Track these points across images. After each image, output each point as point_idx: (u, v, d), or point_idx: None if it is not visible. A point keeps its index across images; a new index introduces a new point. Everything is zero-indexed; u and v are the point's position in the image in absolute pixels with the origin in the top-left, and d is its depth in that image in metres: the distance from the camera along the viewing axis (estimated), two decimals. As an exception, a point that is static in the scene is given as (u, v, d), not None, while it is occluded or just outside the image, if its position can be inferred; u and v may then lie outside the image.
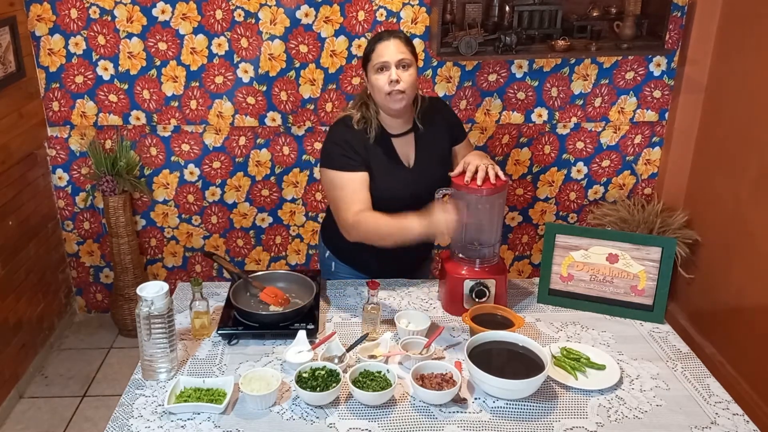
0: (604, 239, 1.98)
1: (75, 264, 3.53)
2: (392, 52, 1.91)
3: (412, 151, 2.07)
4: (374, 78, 1.94)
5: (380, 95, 1.94)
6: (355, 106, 2.05)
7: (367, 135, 2.00)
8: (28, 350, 3.10)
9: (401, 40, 1.94)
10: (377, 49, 1.93)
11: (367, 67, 1.97)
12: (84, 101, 3.20)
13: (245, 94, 3.20)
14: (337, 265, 2.25)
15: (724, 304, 2.98)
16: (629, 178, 3.45)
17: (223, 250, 3.51)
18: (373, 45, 1.94)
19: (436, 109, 2.14)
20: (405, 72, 1.92)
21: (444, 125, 2.13)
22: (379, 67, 1.92)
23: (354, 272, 2.23)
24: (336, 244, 2.22)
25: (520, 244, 3.59)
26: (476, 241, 1.97)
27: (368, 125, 2.01)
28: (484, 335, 1.73)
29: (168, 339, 1.67)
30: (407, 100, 1.96)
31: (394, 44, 1.92)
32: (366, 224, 1.91)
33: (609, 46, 3.05)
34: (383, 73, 1.92)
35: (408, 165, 2.06)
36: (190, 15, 3.07)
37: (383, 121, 2.03)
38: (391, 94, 1.92)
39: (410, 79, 1.92)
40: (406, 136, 2.06)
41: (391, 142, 2.04)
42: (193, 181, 3.37)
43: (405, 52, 1.92)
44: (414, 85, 1.95)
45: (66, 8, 3.05)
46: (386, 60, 1.91)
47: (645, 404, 1.62)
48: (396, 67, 1.91)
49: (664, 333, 1.91)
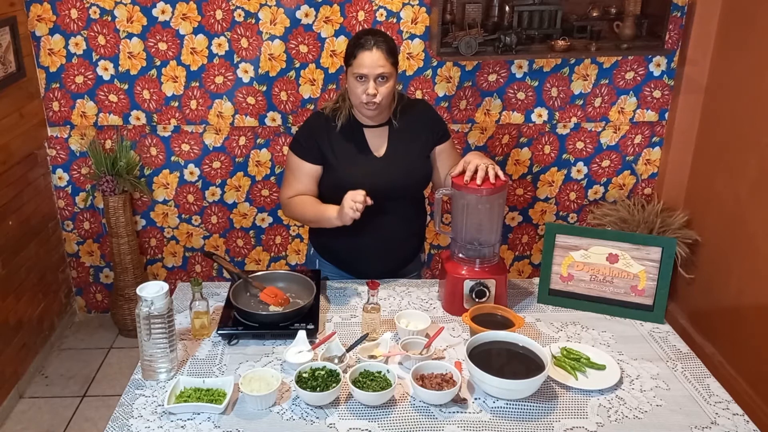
0: (604, 239, 1.98)
1: (75, 264, 3.53)
2: (372, 64, 1.93)
3: (384, 143, 2.10)
4: (352, 83, 1.98)
5: (356, 100, 2.00)
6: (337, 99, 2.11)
7: (334, 123, 2.06)
8: (28, 350, 3.10)
9: (383, 52, 1.94)
10: (359, 58, 1.94)
11: (347, 69, 2.00)
12: (84, 101, 3.21)
13: (245, 94, 3.20)
14: (321, 263, 2.27)
15: (724, 304, 2.98)
16: (629, 178, 3.45)
17: (223, 250, 3.51)
18: (356, 51, 1.95)
19: (418, 109, 2.17)
20: (383, 85, 1.95)
21: (425, 124, 2.14)
22: (358, 76, 1.95)
23: (337, 271, 2.25)
24: (320, 243, 2.26)
25: (520, 244, 3.59)
26: (476, 241, 1.97)
27: (339, 114, 2.06)
28: (484, 335, 1.73)
29: (168, 339, 1.67)
30: (381, 109, 2.01)
31: (376, 57, 1.92)
32: (294, 208, 2.10)
33: (609, 46, 3.05)
34: (361, 83, 1.95)
35: (378, 155, 2.09)
36: (190, 15, 3.07)
37: (357, 113, 2.08)
38: (367, 105, 1.97)
39: (387, 92, 1.97)
40: (380, 128, 2.09)
41: (363, 132, 2.08)
42: (193, 181, 3.37)
43: (385, 65, 1.94)
44: (390, 94, 2.00)
45: (66, 8, 3.05)
46: (365, 72, 1.93)
47: (645, 404, 1.62)
48: (374, 80, 1.94)
49: (664, 333, 1.91)
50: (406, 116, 2.11)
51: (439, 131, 2.16)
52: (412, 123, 2.11)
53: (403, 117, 2.10)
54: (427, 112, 2.18)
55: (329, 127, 2.07)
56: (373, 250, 2.14)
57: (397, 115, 2.09)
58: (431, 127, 2.15)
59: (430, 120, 2.16)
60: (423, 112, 2.17)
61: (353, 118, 2.08)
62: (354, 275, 2.22)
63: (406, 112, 2.11)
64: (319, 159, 2.07)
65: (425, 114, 2.17)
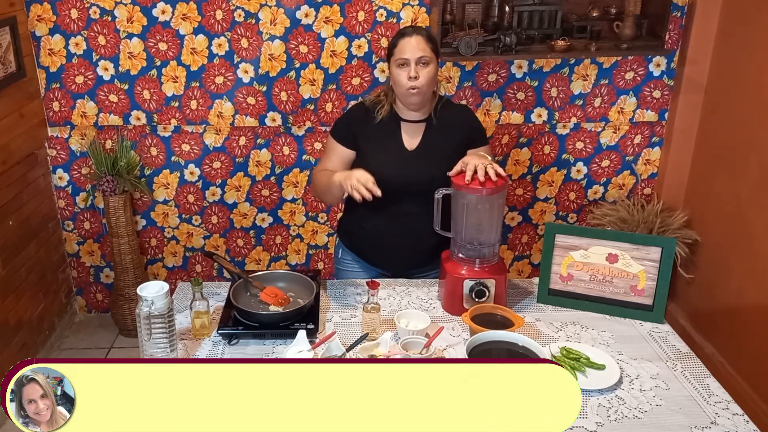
0: (604, 239, 1.98)
1: (75, 264, 3.54)
2: (413, 49, 2.01)
3: (418, 138, 2.14)
4: (395, 72, 2.04)
5: (400, 89, 2.05)
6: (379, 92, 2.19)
7: (374, 115, 2.13)
8: (28, 350, 3.10)
9: (423, 37, 2.03)
10: (399, 45, 2.03)
11: (390, 61, 2.07)
12: (84, 101, 3.21)
13: (245, 94, 3.20)
14: (343, 252, 2.32)
15: (724, 304, 2.98)
16: (629, 178, 3.45)
17: (223, 250, 3.52)
18: (397, 40, 2.05)
19: (459, 112, 2.21)
20: (424, 69, 2.02)
21: (463, 126, 2.17)
22: (401, 63, 2.02)
23: (357, 259, 2.28)
24: (344, 229, 2.33)
25: (520, 244, 3.59)
26: (476, 240, 1.97)
27: (380, 106, 2.13)
28: (483, 335, 1.73)
29: (168, 339, 1.67)
30: (424, 95, 2.05)
31: (415, 41, 2.01)
32: (316, 178, 2.17)
33: (609, 47, 3.05)
34: (403, 69, 2.02)
35: (409, 149, 2.13)
36: (190, 15, 3.07)
37: (398, 108, 2.14)
38: (410, 89, 2.02)
39: (428, 76, 2.02)
40: (417, 124, 2.14)
41: (400, 126, 2.14)
42: (194, 181, 3.37)
43: (426, 50, 2.02)
44: (432, 81, 2.05)
45: (66, 8, 3.05)
46: (407, 57, 2.01)
47: (645, 404, 1.62)
48: (416, 64, 2.00)
49: (664, 333, 1.91)
50: (446, 116, 2.15)
51: (475, 135, 2.18)
52: (450, 123, 2.15)
53: (443, 116, 2.14)
54: (467, 116, 2.21)
55: (368, 118, 2.14)
56: (393, 240, 2.18)
57: (437, 113, 2.13)
58: (468, 129, 2.18)
59: (469, 124, 2.19)
60: (463, 115, 2.21)
61: (394, 112, 2.14)
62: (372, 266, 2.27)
63: (446, 112, 2.15)
64: (353, 145, 2.14)
65: (465, 117, 2.20)
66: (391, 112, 2.14)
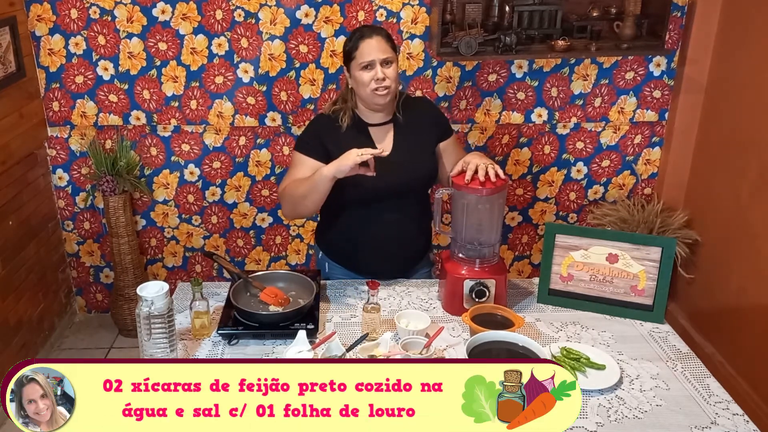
0: (604, 239, 1.98)
1: (75, 264, 3.53)
2: (376, 50, 1.97)
3: (390, 140, 2.10)
4: (359, 74, 2.00)
5: (365, 90, 2.00)
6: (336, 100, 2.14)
7: (338, 124, 2.07)
8: (28, 350, 3.10)
9: (383, 37, 2.00)
10: (361, 48, 1.98)
11: (350, 65, 2.02)
12: (84, 101, 3.21)
13: (245, 94, 3.20)
14: (331, 266, 2.26)
15: (724, 304, 2.98)
16: (629, 178, 3.45)
17: (223, 250, 3.51)
18: (356, 43, 2.00)
19: (420, 105, 2.20)
20: (389, 68, 1.99)
21: (428, 120, 2.16)
22: (365, 65, 1.98)
23: (347, 272, 2.23)
24: (328, 245, 2.25)
25: (520, 244, 3.59)
26: (476, 240, 1.97)
27: (342, 115, 2.07)
28: (484, 335, 1.73)
29: (168, 339, 1.67)
30: (392, 94, 2.03)
31: (376, 42, 1.98)
32: (288, 190, 2.04)
33: (609, 46, 3.05)
34: (369, 71, 1.98)
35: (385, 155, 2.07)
36: (190, 15, 3.07)
37: (361, 112, 2.09)
38: (377, 90, 1.98)
39: (394, 75, 2.00)
40: (385, 126, 2.11)
41: (368, 130, 2.10)
42: (194, 181, 3.37)
43: (387, 50, 1.99)
44: (397, 79, 2.04)
45: (66, 8, 3.05)
46: (372, 59, 1.97)
47: (645, 404, 1.62)
48: (381, 65, 1.97)
49: (664, 333, 1.91)
50: (410, 112, 2.12)
51: (442, 127, 2.18)
52: (416, 120, 2.13)
53: (406, 113, 2.11)
54: (430, 109, 2.21)
55: (334, 127, 2.07)
56: (382, 249, 2.14)
57: (399, 110, 2.11)
58: (435, 123, 2.17)
59: (433, 116, 2.18)
60: (426, 108, 2.20)
61: (357, 118, 2.09)
62: (363, 276, 2.20)
63: (408, 108, 2.12)
64: (324, 156, 2.04)
65: (428, 110, 2.19)
66: (354, 118, 2.08)
